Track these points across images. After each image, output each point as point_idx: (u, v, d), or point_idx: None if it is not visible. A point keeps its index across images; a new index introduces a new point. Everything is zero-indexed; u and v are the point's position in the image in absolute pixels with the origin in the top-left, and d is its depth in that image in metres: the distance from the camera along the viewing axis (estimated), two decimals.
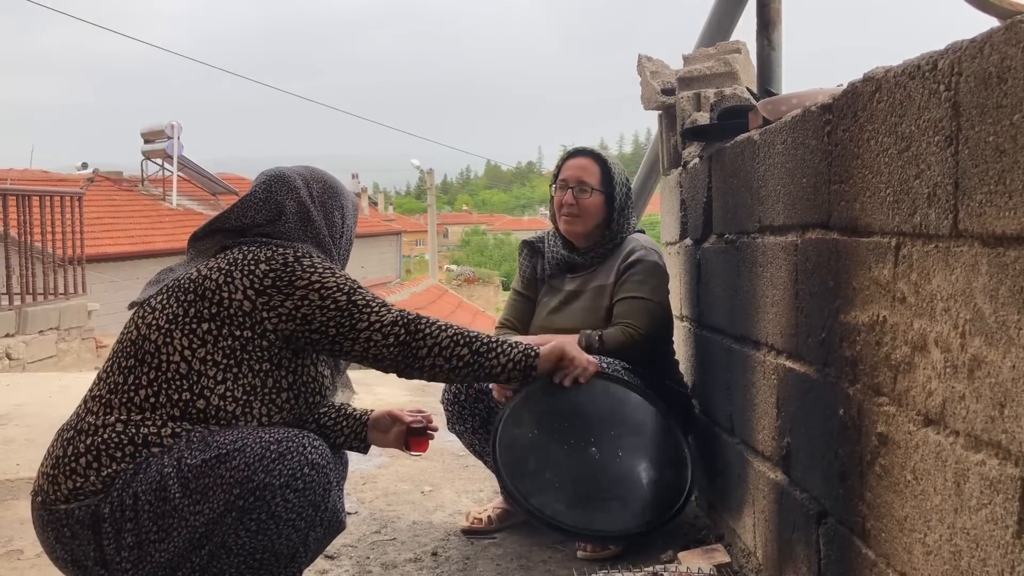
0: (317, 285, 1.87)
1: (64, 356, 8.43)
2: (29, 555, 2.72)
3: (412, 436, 2.27)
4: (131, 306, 1.97)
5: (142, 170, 19.53)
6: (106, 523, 1.73)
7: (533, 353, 2.04)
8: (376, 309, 1.92)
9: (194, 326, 1.84)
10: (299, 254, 1.90)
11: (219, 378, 1.83)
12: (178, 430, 1.79)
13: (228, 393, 1.83)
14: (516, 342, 2.06)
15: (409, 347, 1.93)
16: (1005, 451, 1.11)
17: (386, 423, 2.28)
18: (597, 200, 2.87)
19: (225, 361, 1.83)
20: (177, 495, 1.71)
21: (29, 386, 5.91)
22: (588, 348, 2.68)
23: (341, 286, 1.90)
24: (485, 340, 2.03)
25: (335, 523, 1.98)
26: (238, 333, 1.84)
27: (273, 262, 1.87)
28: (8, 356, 7.56)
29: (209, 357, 1.83)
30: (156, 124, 18.97)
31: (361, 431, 2.25)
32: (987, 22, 1.84)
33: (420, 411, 2.32)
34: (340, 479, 2.18)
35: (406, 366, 1.95)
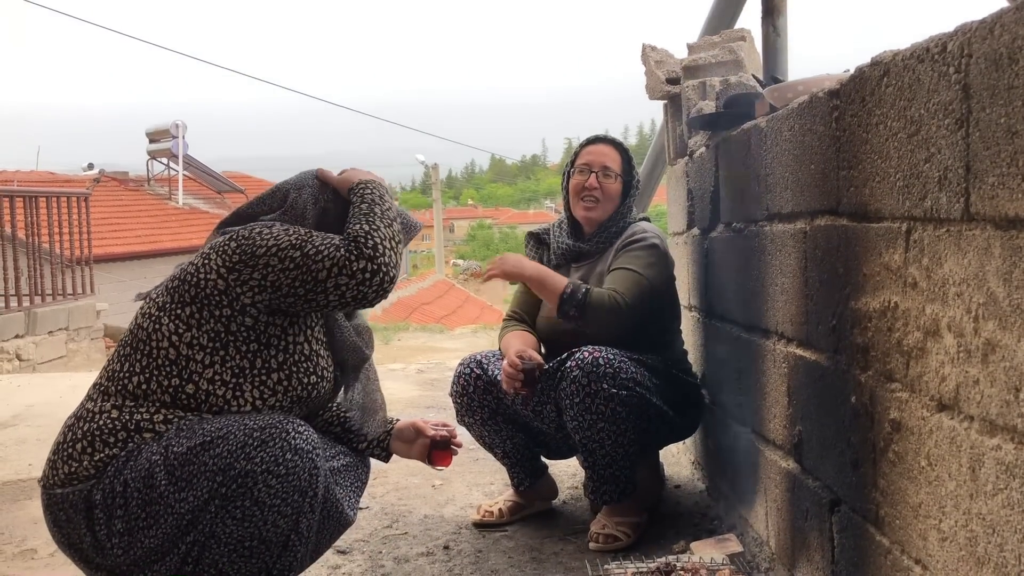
0: (274, 249, 1.85)
1: (74, 356, 8.46)
2: (43, 554, 2.73)
3: (436, 450, 2.27)
4: (137, 298, 2.02)
5: (148, 170, 19.56)
6: (98, 509, 1.77)
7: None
8: (328, 253, 1.84)
9: (178, 311, 1.87)
10: (266, 225, 1.91)
11: (207, 361, 1.85)
12: (170, 416, 1.83)
13: (217, 377, 1.85)
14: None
15: (376, 266, 1.86)
16: (1021, 435, 1.10)
17: (410, 434, 2.28)
18: (618, 186, 2.88)
19: (211, 344, 1.85)
20: (163, 482, 1.74)
21: (39, 387, 5.94)
22: (572, 296, 2.65)
23: (294, 243, 1.86)
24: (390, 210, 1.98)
25: (336, 516, 1.98)
26: (218, 313, 1.85)
27: (240, 238, 1.88)
28: (18, 357, 7.59)
29: (195, 341, 1.85)
30: (161, 124, 18.99)
31: (384, 440, 2.25)
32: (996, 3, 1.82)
33: (445, 424, 2.31)
34: (362, 483, 2.18)
35: (391, 281, 1.88)
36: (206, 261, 1.89)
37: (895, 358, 1.46)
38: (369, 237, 1.87)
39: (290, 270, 1.84)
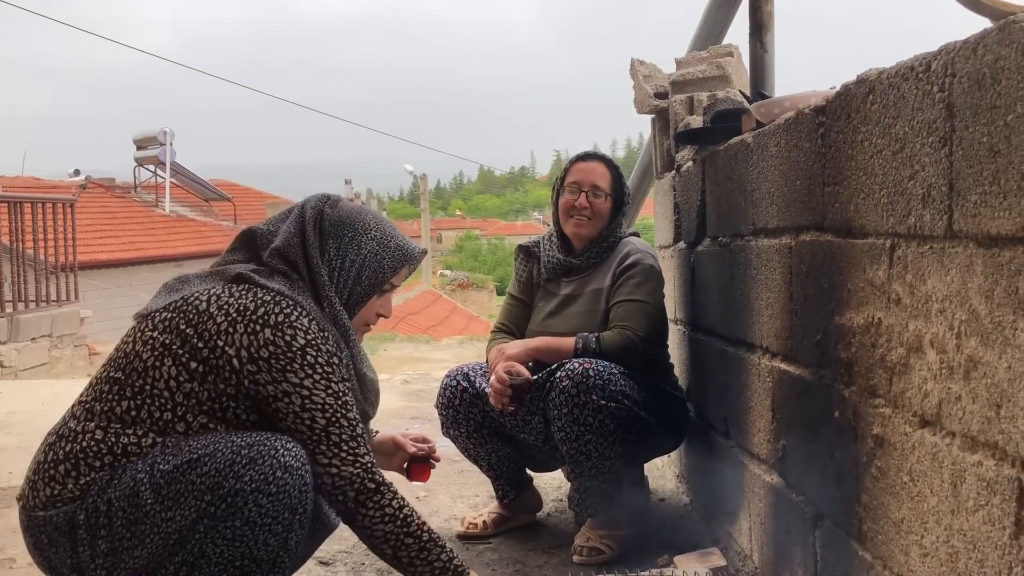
0: (305, 392, 1.77)
1: (57, 363, 8.40)
2: (22, 563, 2.70)
3: (414, 463, 2.27)
4: (136, 317, 1.91)
5: (135, 176, 19.49)
6: (81, 530, 1.72)
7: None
8: (344, 455, 1.80)
9: (185, 360, 1.78)
10: (310, 337, 1.80)
11: (203, 412, 1.79)
12: (158, 440, 1.77)
13: (211, 425, 1.79)
14: (452, 553, 1.90)
15: (350, 512, 1.82)
16: (1002, 452, 1.10)
17: (389, 448, 2.27)
18: (608, 204, 2.89)
19: (210, 403, 1.79)
20: (149, 501, 1.69)
21: (21, 394, 5.89)
22: (585, 351, 2.68)
23: (326, 406, 1.79)
24: (415, 551, 1.85)
25: (321, 524, 1.96)
26: (222, 387, 1.78)
27: (280, 335, 1.77)
28: (0, 364, 7.53)
29: (194, 394, 1.78)
30: (148, 130, 18.93)
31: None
32: (980, 23, 1.84)
33: (425, 439, 2.30)
34: None
35: (343, 516, 1.86)
36: (231, 329, 1.78)
37: (878, 374, 1.47)
38: (371, 516, 1.81)
39: (303, 423, 1.78)
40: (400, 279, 2.06)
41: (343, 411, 1.82)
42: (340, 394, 1.82)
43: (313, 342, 1.80)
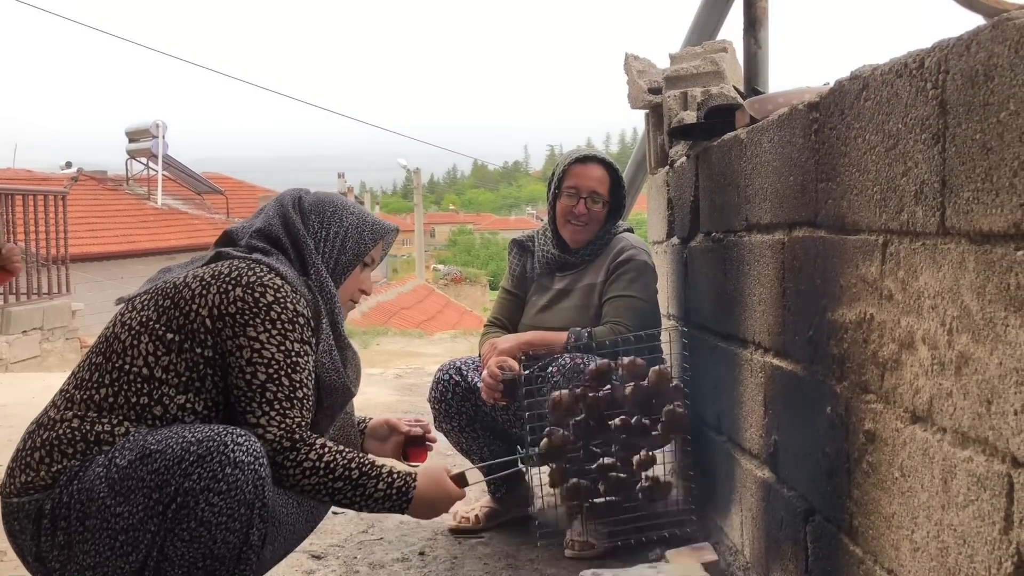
0: (257, 346, 1.77)
1: (48, 356, 8.37)
2: (12, 556, 2.69)
3: (410, 446, 2.26)
4: (118, 302, 1.94)
5: (127, 169, 19.42)
6: (46, 519, 1.72)
7: (407, 498, 1.88)
8: (272, 415, 1.76)
9: (161, 333, 1.79)
10: (280, 296, 1.81)
11: (181, 388, 1.79)
12: (132, 429, 1.76)
13: (188, 405, 1.78)
14: (390, 476, 1.87)
15: (274, 476, 1.77)
16: (992, 448, 1.11)
17: (384, 432, 2.26)
18: (606, 209, 2.88)
19: (188, 373, 1.79)
20: (103, 495, 1.68)
21: (12, 386, 5.87)
22: (577, 346, 2.68)
23: (272, 362, 1.77)
24: (350, 491, 1.83)
25: (287, 516, 1.96)
26: (199, 351, 1.78)
27: (249, 292, 1.80)
28: None
29: (172, 367, 1.78)
30: (141, 123, 18.87)
31: (358, 439, 2.24)
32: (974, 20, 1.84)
33: (419, 421, 2.29)
34: None
35: (273, 482, 1.79)
36: (204, 292, 1.81)
37: (870, 369, 1.47)
38: (291, 475, 1.77)
39: (243, 377, 1.77)
40: (379, 253, 2.12)
41: (288, 370, 1.79)
42: (291, 353, 1.80)
43: (281, 300, 1.82)
